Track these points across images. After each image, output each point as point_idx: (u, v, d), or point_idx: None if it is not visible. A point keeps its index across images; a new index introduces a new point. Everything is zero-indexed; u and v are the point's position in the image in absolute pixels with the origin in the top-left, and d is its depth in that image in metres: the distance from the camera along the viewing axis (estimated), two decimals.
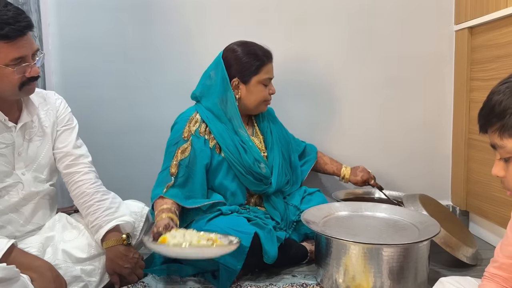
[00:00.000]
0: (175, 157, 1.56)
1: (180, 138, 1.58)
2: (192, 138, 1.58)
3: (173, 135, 1.62)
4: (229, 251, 1.29)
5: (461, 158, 2.02)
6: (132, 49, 2.01)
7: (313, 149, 1.98)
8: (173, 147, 1.58)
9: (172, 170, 1.54)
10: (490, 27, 1.79)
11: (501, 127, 0.84)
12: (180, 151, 1.56)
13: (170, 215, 1.42)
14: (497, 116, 0.84)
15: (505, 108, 0.82)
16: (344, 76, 2.07)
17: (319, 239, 1.44)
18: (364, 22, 2.04)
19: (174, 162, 1.55)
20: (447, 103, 2.10)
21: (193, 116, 1.62)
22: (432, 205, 1.73)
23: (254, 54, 1.64)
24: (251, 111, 1.71)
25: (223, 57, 1.66)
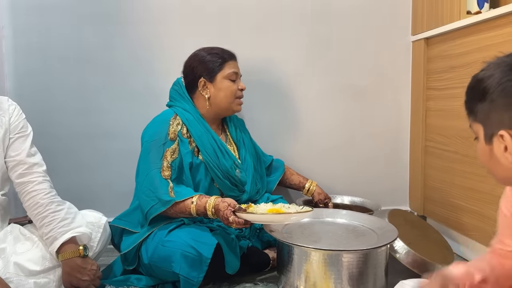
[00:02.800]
0: (165, 158, 1.52)
1: (167, 139, 1.55)
2: (178, 139, 1.57)
3: (156, 136, 1.56)
4: (308, 216, 1.44)
5: (418, 165, 2.08)
6: (90, 54, 1.96)
7: (280, 163, 1.98)
8: (160, 148, 1.53)
9: (166, 173, 1.50)
10: (445, 38, 1.86)
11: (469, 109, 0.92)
12: (170, 152, 1.53)
13: (218, 198, 1.43)
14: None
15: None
16: (305, 84, 2.09)
17: (281, 246, 1.45)
18: (324, 30, 2.08)
19: (165, 164, 1.51)
20: (404, 111, 2.16)
21: (173, 118, 1.60)
22: (404, 220, 1.73)
23: (216, 53, 1.66)
24: (225, 111, 1.70)
25: (187, 63, 1.69)
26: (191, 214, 1.45)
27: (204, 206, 1.43)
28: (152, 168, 1.50)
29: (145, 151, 1.55)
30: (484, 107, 0.85)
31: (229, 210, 1.36)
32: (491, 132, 0.86)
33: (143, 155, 1.56)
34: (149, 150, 1.54)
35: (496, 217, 1.54)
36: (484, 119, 0.86)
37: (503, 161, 0.85)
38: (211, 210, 1.41)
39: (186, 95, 1.67)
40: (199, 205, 1.43)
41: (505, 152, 0.83)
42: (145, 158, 1.54)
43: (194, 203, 1.44)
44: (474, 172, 1.67)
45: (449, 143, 1.84)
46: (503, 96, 0.82)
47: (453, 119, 1.81)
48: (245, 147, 1.78)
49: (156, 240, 1.45)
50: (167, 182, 1.49)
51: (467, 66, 1.70)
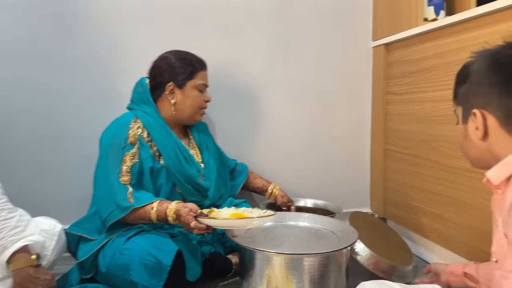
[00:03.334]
0: (124, 163, 1.47)
1: (126, 143, 1.50)
2: (138, 143, 1.52)
3: (115, 139, 1.50)
4: (271, 220, 1.38)
5: (379, 168, 2.12)
6: (52, 56, 1.89)
7: (244, 167, 1.98)
8: (119, 152, 1.48)
9: (125, 178, 1.45)
10: (403, 44, 1.91)
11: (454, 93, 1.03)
12: (129, 157, 1.48)
13: (180, 203, 1.40)
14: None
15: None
16: (269, 88, 2.10)
17: (242, 251, 1.43)
18: (289, 35, 2.09)
19: (124, 168, 1.46)
20: (366, 115, 2.20)
21: (134, 122, 1.55)
22: (364, 222, 1.75)
23: (188, 59, 1.63)
24: (187, 120, 1.68)
25: (155, 64, 1.65)
26: (151, 220, 1.41)
27: (165, 211, 1.39)
28: (110, 172, 1.46)
29: (104, 155, 1.50)
30: (465, 90, 0.98)
31: (191, 216, 1.33)
32: (468, 112, 0.97)
33: (101, 159, 1.51)
34: (107, 154, 1.49)
35: (453, 219, 1.59)
36: (464, 100, 0.98)
37: (474, 139, 0.96)
38: (172, 216, 1.38)
39: (149, 97, 1.62)
40: (159, 210, 1.40)
41: (476, 130, 0.94)
42: (104, 162, 1.49)
43: (154, 208, 1.40)
44: (432, 175, 1.72)
45: (409, 147, 1.88)
46: (479, 79, 0.93)
47: (412, 123, 1.85)
48: (209, 151, 1.76)
49: (114, 248, 1.40)
50: (126, 187, 1.44)
51: (425, 71, 1.74)
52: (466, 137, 0.98)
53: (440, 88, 1.65)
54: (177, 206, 1.38)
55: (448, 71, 1.60)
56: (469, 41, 1.49)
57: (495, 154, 0.93)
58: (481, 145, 0.95)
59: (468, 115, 0.96)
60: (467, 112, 0.97)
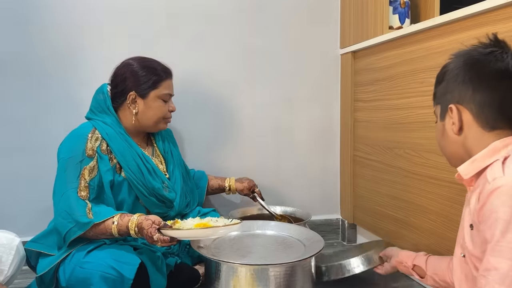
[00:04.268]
0: (82, 177, 1.41)
1: (84, 156, 1.44)
2: (97, 156, 1.47)
3: (72, 152, 1.44)
4: (236, 229, 1.43)
5: (347, 174, 2.13)
6: (3, 63, 1.84)
7: (201, 172, 1.96)
8: (76, 165, 1.42)
9: (83, 193, 1.40)
10: (370, 52, 1.93)
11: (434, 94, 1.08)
12: (88, 171, 1.43)
13: (142, 215, 1.35)
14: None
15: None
16: (238, 95, 2.09)
17: (208, 262, 1.41)
18: (258, 42, 2.09)
19: (83, 183, 1.41)
20: (334, 121, 2.21)
21: (92, 133, 1.49)
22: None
23: (152, 68, 1.57)
24: (150, 128, 1.63)
25: (118, 71, 1.58)
26: (112, 235, 1.37)
27: (126, 225, 1.35)
28: (68, 188, 1.40)
29: (61, 168, 1.44)
30: (442, 88, 1.02)
31: (154, 228, 1.29)
32: (445, 109, 1.01)
33: (59, 173, 1.45)
34: (65, 168, 1.43)
35: (417, 225, 1.61)
36: (441, 98, 1.03)
37: (450, 134, 1.00)
38: (134, 229, 1.34)
39: (110, 106, 1.56)
40: (120, 224, 1.36)
41: (453, 125, 0.99)
42: (61, 176, 1.43)
43: (115, 223, 1.35)
44: (397, 181, 1.73)
45: (375, 153, 1.90)
46: (455, 75, 0.98)
47: (378, 130, 1.87)
48: (174, 159, 1.72)
49: (74, 262, 1.36)
50: (85, 202, 1.40)
51: (390, 79, 1.77)
52: (444, 134, 1.03)
53: (404, 96, 1.67)
54: (139, 219, 1.34)
55: (412, 79, 1.62)
56: (432, 49, 1.51)
57: (469, 149, 0.98)
58: (457, 140, 1.00)
59: (445, 112, 1.01)
60: (444, 109, 1.02)
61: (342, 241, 2.20)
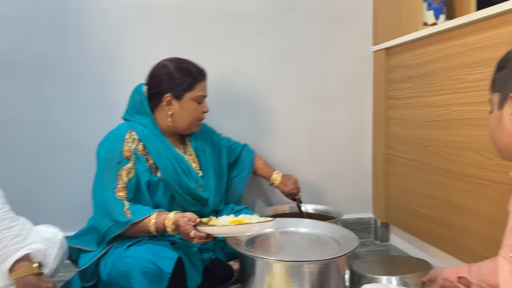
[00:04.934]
0: (120, 178, 1.46)
1: (121, 158, 1.48)
2: (134, 157, 1.51)
3: (110, 154, 1.49)
4: (270, 226, 1.41)
5: (380, 173, 2.11)
6: (47, 66, 1.91)
7: (249, 155, 1.96)
8: (115, 167, 1.47)
9: (120, 193, 1.45)
10: (403, 48, 1.91)
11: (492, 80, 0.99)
12: (125, 172, 1.47)
13: (178, 213, 1.40)
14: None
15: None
16: (269, 94, 2.10)
17: (243, 258, 1.44)
18: (288, 41, 2.09)
19: (121, 184, 1.46)
20: (367, 120, 2.20)
21: (129, 134, 1.53)
22: None
23: (188, 70, 1.59)
24: (184, 130, 1.66)
25: (154, 72, 1.61)
26: (150, 233, 1.41)
27: (163, 223, 1.39)
28: (106, 188, 1.45)
29: (100, 169, 1.50)
30: (504, 74, 0.94)
31: (190, 225, 1.33)
32: (504, 97, 0.93)
33: (98, 174, 1.50)
34: (104, 168, 1.48)
35: (454, 224, 1.59)
36: (502, 85, 0.95)
37: (508, 125, 0.92)
38: (171, 227, 1.38)
39: (146, 106, 1.60)
40: (158, 222, 1.40)
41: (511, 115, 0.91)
42: (100, 177, 1.48)
43: (152, 221, 1.40)
44: (432, 179, 1.71)
45: (409, 151, 1.88)
46: None
47: (412, 128, 1.85)
48: (206, 156, 1.74)
49: (114, 256, 1.41)
50: (122, 202, 1.44)
51: (424, 75, 1.74)
52: (500, 124, 0.95)
53: (439, 93, 1.65)
54: (176, 217, 1.38)
55: (447, 75, 1.60)
56: (467, 45, 1.49)
57: None
58: None
59: (505, 100, 0.93)
60: (504, 97, 0.93)
61: (375, 240, 2.18)
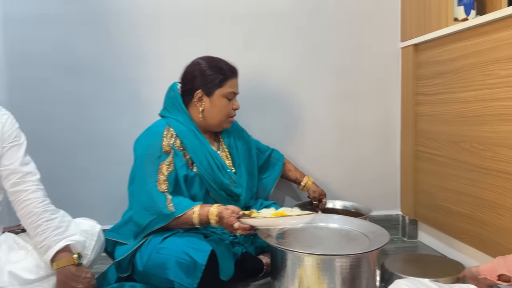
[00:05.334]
0: (160, 172, 1.50)
1: (161, 152, 1.53)
2: (173, 152, 1.56)
3: (150, 149, 1.54)
4: (310, 219, 1.41)
5: (409, 169, 2.11)
6: (83, 64, 1.98)
7: (279, 159, 1.99)
8: (155, 161, 1.51)
9: (162, 186, 1.49)
10: (433, 44, 1.90)
11: None
12: (166, 166, 1.52)
13: (221, 206, 1.45)
14: None
15: None
16: (297, 91, 2.12)
17: (274, 252, 1.46)
18: (317, 38, 2.11)
19: (162, 177, 1.50)
20: (395, 116, 2.19)
21: (166, 131, 1.58)
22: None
23: (219, 67, 1.63)
24: (215, 127, 1.69)
25: (187, 70, 1.66)
26: (193, 225, 1.46)
27: (206, 215, 1.43)
28: (148, 182, 1.49)
29: (140, 164, 1.54)
30: None
31: (233, 217, 1.38)
32: None
33: (138, 168, 1.54)
34: (144, 163, 1.52)
35: (485, 220, 1.58)
36: None
37: None
38: (215, 219, 1.42)
39: (181, 103, 1.64)
40: (201, 214, 1.44)
41: None
42: (140, 171, 1.53)
43: (196, 213, 1.44)
44: (463, 176, 1.70)
45: (439, 148, 1.87)
46: None
47: (442, 124, 1.84)
48: (238, 153, 1.77)
49: (150, 247, 1.45)
50: (165, 195, 1.48)
51: (455, 71, 1.73)
52: None
53: (471, 89, 1.64)
54: (219, 209, 1.43)
55: (479, 71, 1.58)
56: (500, 41, 1.47)
57: None
58: None
59: None
60: None
61: (403, 237, 2.18)
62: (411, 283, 1.06)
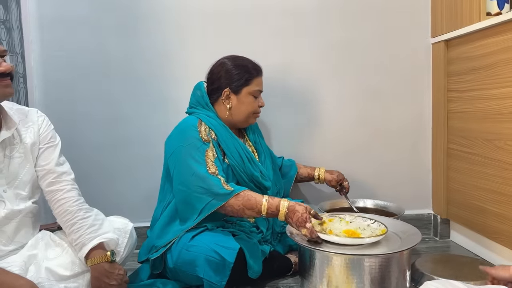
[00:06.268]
0: (207, 157, 1.54)
1: (202, 141, 1.57)
2: (211, 141, 1.59)
3: (189, 140, 1.56)
4: (381, 237, 1.40)
5: (440, 168, 2.06)
6: (114, 65, 2.03)
7: (291, 161, 2.01)
8: (200, 148, 1.54)
9: (212, 169, 1.52)
10: (464, 40, 1.85)
11: None
12: (211, 152, 1.56)
13: (292, 201, 1.47)
14: None
15: None
16: (325, 87, 2.11)
17: (303, 251, 1.46)
18: (344, 34, 2.09)
19: (210, 162, 1.53)
20: (426, 113, 2.15)
21: (199, 124, 1.61)
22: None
23: (244, 66, 1.68)
24: (241, 123, 1.73)
25: (214, 70, 1.70)
26: (259, 212, 1.46)
27: (276, 205, 1.45)
28: (197, 168, 1.51)
29: (181, 156, 1.55)
30: None
31: (307, 214, 1.40)
32: None
33: (179, 160, 1.55)
34: (186, 154, 1.54)
35: None
36: None
37: None
38: (285, 211, 1.43)
39: (208, 101, 1.68)
40: (271, 203, 1.46)
41: None
42: (186, 160, 1.53)
43: (265, 201, 1.46)
44: (497, 174, 1.66)
45: (472, 146, 1.82)
46: None
47: (474, 121, 1.80)
48: (263, 150, 1.81)
49: (180, 245, 1.48)
50: (218, 177, 1.50)
51: (488, 67, 1.69)
52: None
53: (505, 85, 1.59)
54: (291, 203, 1.45)
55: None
56: None
57: None
58: None
59: None
60: None
61: (434, 237, 2.14)
62: (441, 285, 1.04)
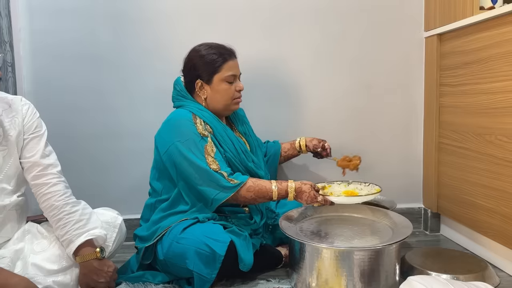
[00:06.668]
0: (207, 153, 1.52)
1: (199, 137, 1.54)
2: (209, 135, 1.57)
3: (187, 136, 1.53)
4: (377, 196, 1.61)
5: (432, 162, 2.07)
6: (104, 55, 2.00)
7: (275, 141, 1.98)
8: (198, 144, 1.52)
9: (213, 166, 1.51)
10: (458, 34, 1.85)
11: None
12: (210, 147, 1.54)
13: (296, 181, 1.56)
14: None
15: None
16: (316, 81, 2.10)
17: (293, 243, 1.46)
18: (336, 27, 2.08)
19: (210, 158, 1.52)
20: (418, 107, 2.15)
21: (194, 118, 1.58)
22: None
23: (214, 53, 1.62)
24: (222, 111, 1.68)
25: (185, 62, 1.67)
26: (270, 199, 1.54)
27: (285, 189, 1.53)
28: (200, 164, 1.50)
29: (184, 150, 1.51)
30: None
31: (313, 191, 1.52)
32: None
33: (182, 155, 1.52)
34: (187, 148, 1.51)
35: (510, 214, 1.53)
36: None
37: None
38: (293, 193, 1.53)
39: (187, 95, 1.65)
40: (280, 189, 1.53)
41: None
42: (187, 156, 1.51)
43: (274, 187, 1.53)
44: (488, 169, 1.66)
45: (463, 140, 1.82)
46: None
47: (466, 116, 1.80)
48: (252, 139, 1.79)
49: (171, 237, 1.47)
50: (220, 173, 1.50)
51: (481, 62, 1.68)
52: None
53: (497, 79, 1.59)
54: (297, 184, 1.54)
55: (506, 61, 1.53)
56: None
57: None
58: None
59: None
60: None
61: (425, 231, 2.14)
62: (423, 280, 1.04)
